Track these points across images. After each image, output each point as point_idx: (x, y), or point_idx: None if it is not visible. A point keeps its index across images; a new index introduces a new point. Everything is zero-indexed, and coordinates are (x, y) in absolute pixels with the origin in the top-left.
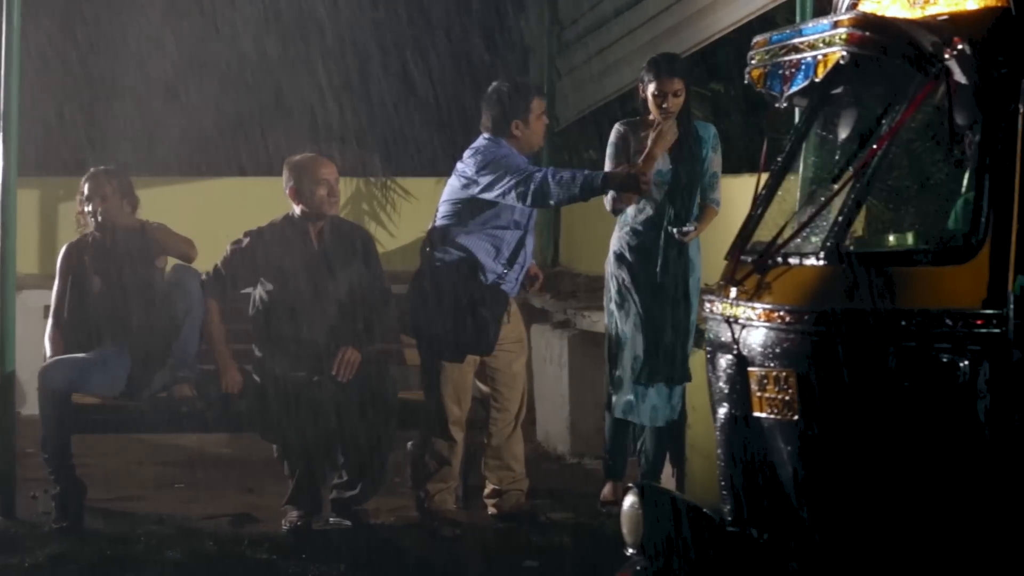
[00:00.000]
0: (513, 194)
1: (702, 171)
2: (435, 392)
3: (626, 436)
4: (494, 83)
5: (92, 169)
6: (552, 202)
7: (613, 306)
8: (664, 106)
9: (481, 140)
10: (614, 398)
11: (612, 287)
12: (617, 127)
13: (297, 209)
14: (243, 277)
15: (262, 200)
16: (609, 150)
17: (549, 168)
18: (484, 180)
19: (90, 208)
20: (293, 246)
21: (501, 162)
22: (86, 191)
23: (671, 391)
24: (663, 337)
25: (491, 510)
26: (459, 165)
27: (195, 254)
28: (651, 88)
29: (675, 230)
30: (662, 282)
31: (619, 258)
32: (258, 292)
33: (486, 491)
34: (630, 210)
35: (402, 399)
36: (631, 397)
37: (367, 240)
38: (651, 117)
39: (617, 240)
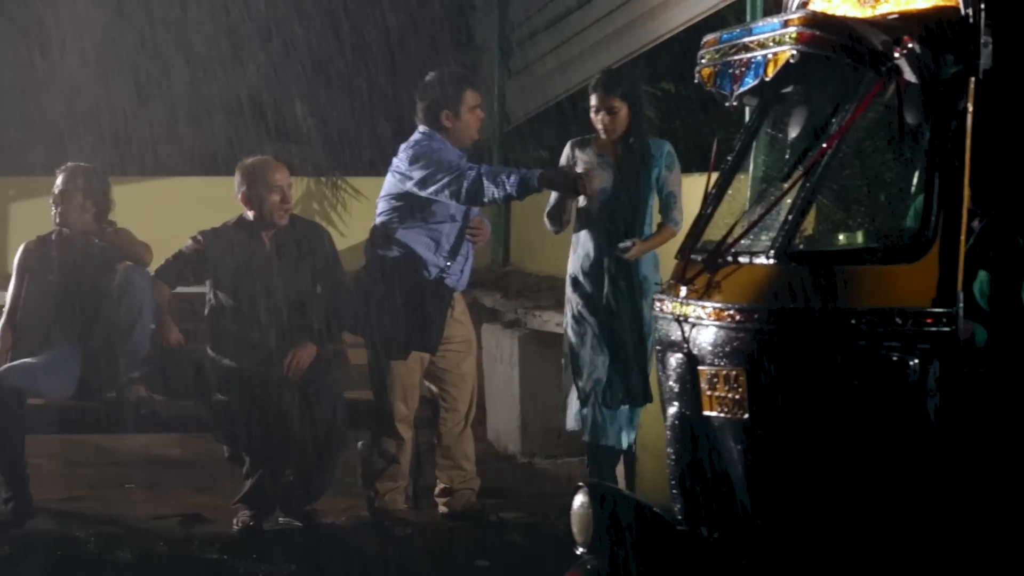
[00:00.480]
0: (446, 192)
1: (649, 190)
2: (382, 391)
3: (610, 462)
4: (429, 74)
5: (67, 164)
6: (485, 200)
7: (571, 331)
8: (601, 121)
9: (416, 134)
10: (570, 412)
11: (568, 311)
12: (568, 145)
13: (249, 214)
14: (193, 272)
15: (207, 200)
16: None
17: (483, 165)
18: (417, 175)
19: (54, 206)
20: (246, 249)
21: (432, 157)
22: (55, 187)
23: (633, 412)
24: (619, 360)
25: (442, 509)
26: (394, 160)
27: (150, 259)
28: (591, 101)
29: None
30: (614, 304)
31: (573, 282)
32: (210, 293)
33: (437, 490)
34: (582, 233)
35: (350, 399)
36: (596, 417)
37: (324, 239)
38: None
39: (572, 263)
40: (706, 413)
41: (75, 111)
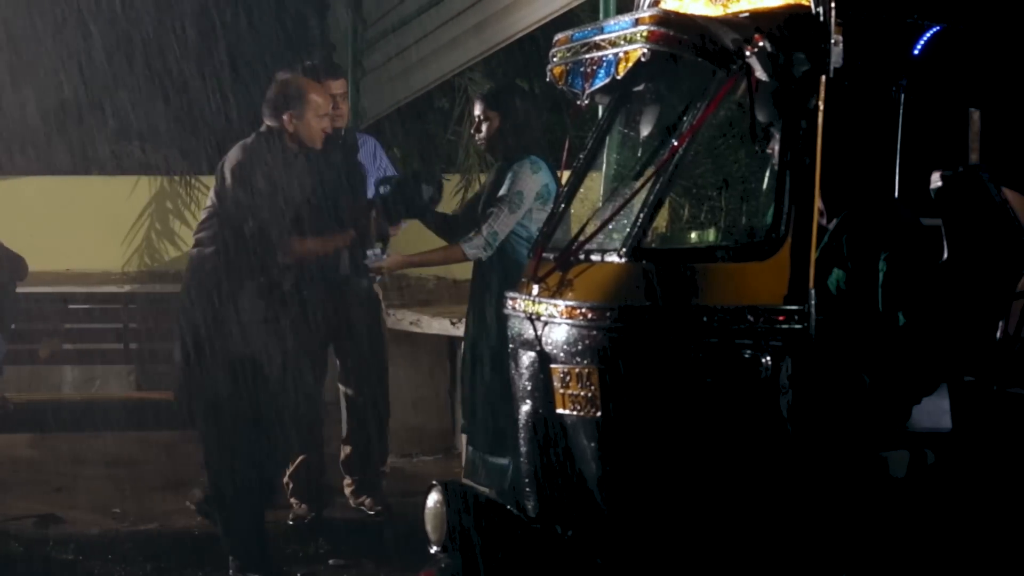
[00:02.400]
0: None
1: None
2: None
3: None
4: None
5: None
6: None
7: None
8: (475, 129)
9: None
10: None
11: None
12: None
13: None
14: None
15: (54, 197)
16: None
17: None
18: None
19: None
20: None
21: None
22: None
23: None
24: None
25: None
26: None
27: (25, 273)
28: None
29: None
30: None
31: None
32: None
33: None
34: None
35: None
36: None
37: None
38: None
39: None
40: (559, 411)
41: None
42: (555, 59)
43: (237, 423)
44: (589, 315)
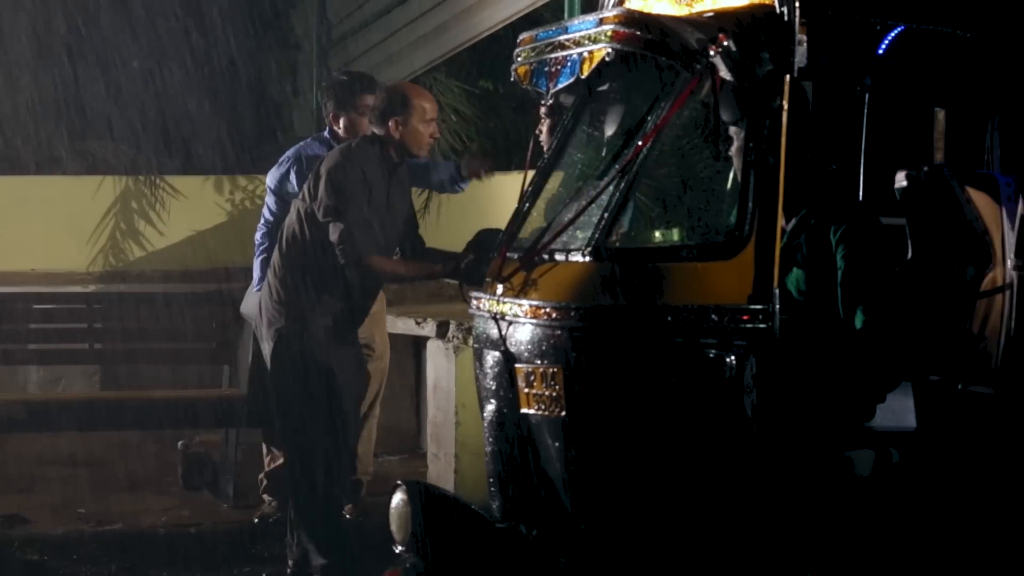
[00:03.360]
0: None
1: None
2: None
3: None
4: None
5: None
6: None
7: None
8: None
9: None
10: None
11: None
12: None
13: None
14: None
15: (17, 197)
16: None
17: None
18: None
19: None
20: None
21: None
22: None
23: None
24: None
25: None
26: None
27: None
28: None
29: None
30: None
31: None
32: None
33: None
34: None
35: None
36: None
37: None
38: None
39: None
40: (523, 411)
41: None
42: (519, 59)
43: (315, 423)
44: (553, 315)
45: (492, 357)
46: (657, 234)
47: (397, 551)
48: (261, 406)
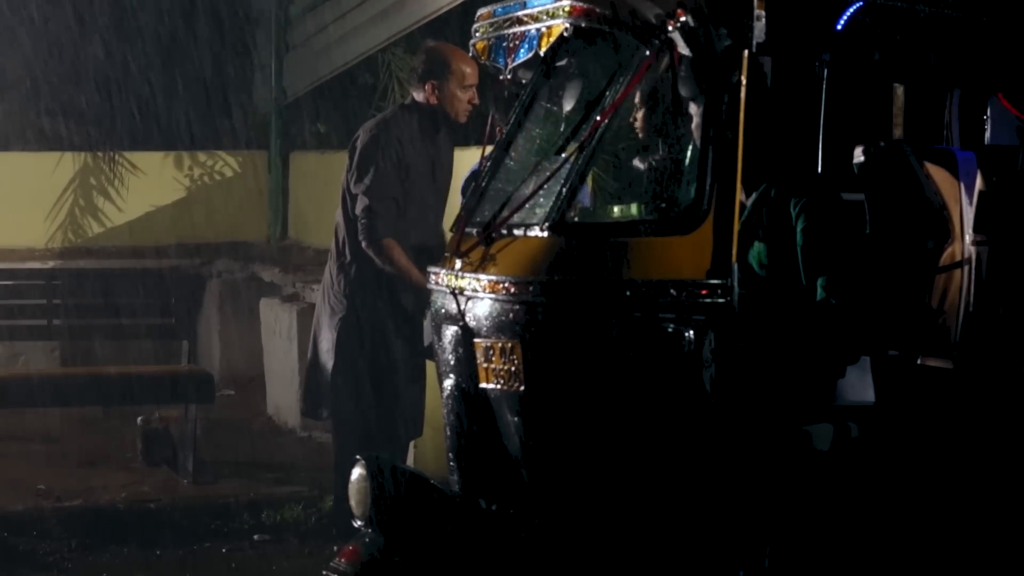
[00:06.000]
0: None
1: None
2: None
3: None
4: None
5: None
6: None
7: None
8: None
9: None
10: None
11: None
12: None
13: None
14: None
15: None
16: None
17: None
18: None
19: None
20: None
21: None
22: None
23: None
24: None
25: None
26: None
27: None
28: None
29: None
30: None
31: None
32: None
33: None
34: None
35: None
36: None
37: None
38: None
39: None
40: (483, 385)
41: None
42: (477, 34)
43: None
44: (512, 289)
45: (451, 332)
46: (616, 209)
47: (356, 526)
48: (316, 400)
